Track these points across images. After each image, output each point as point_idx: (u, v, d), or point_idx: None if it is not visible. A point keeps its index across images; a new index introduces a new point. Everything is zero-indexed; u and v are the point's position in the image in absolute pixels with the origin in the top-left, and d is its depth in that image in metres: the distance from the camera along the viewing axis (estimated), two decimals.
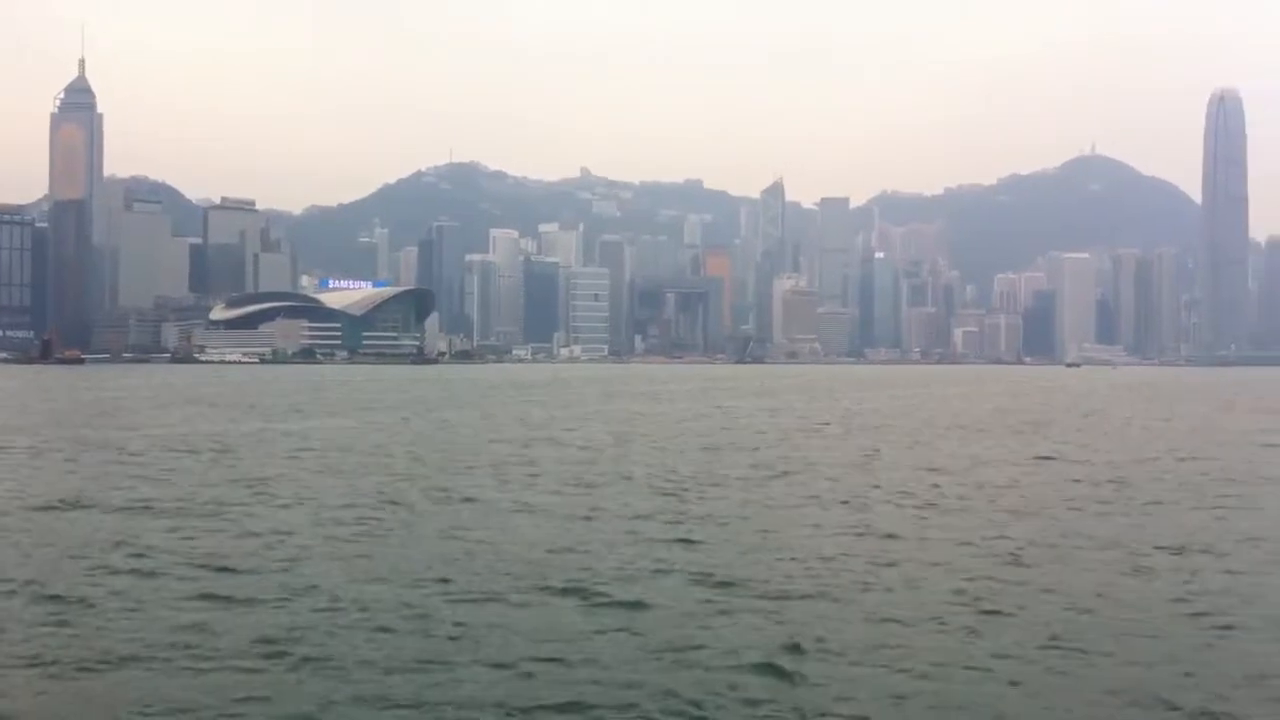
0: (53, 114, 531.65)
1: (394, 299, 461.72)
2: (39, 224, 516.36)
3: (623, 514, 27.36)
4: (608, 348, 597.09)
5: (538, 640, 15.74)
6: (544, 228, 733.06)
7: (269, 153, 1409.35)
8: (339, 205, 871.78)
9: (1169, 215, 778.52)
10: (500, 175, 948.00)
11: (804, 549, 22.66)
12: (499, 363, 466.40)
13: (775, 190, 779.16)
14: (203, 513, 27.53)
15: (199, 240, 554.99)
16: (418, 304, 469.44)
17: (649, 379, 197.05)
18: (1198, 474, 38.40)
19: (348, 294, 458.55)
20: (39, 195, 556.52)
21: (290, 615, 17.12)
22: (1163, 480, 36.22)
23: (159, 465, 39.63)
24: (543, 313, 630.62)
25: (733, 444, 50.60)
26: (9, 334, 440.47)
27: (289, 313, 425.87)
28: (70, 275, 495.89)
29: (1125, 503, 30.30)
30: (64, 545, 23.06)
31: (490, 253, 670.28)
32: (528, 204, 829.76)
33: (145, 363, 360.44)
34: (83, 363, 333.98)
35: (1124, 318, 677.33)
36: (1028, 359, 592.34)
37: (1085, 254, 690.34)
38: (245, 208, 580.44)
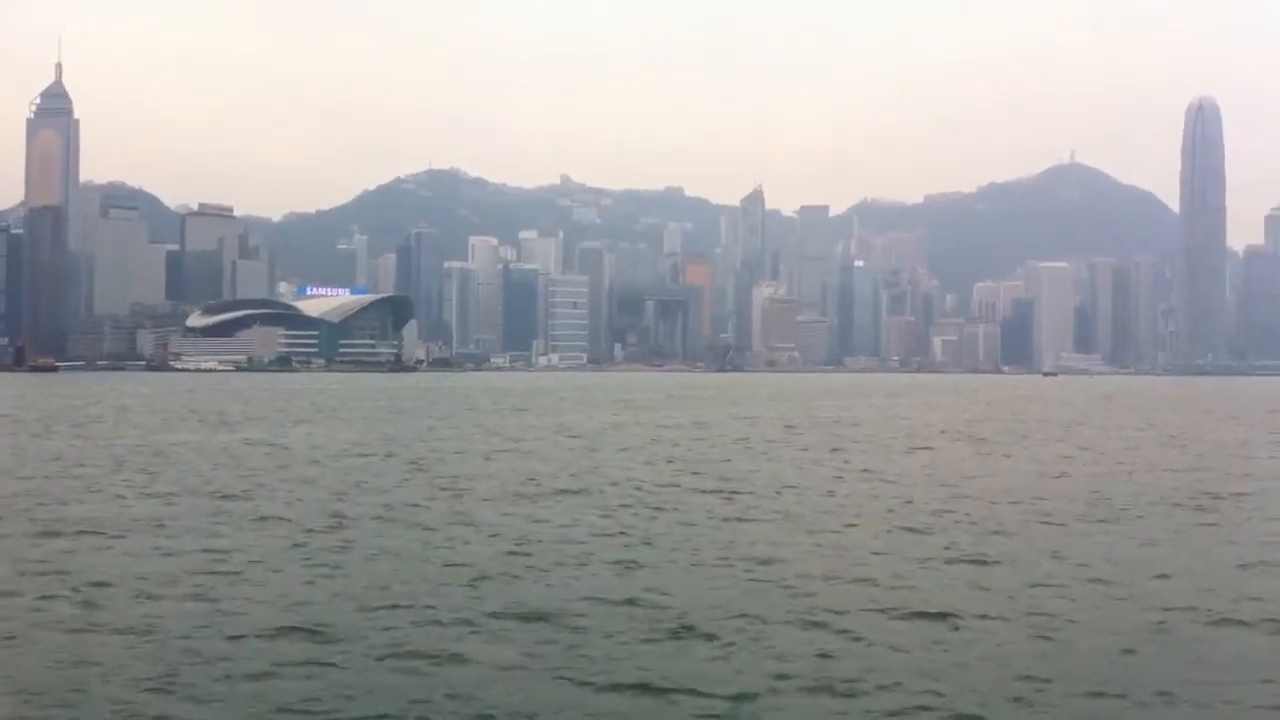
0: (29, 119, 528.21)
1: (372, 306, 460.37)
2: (14, 230, 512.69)
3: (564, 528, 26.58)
4: (587, 355, 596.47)
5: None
6: (523, 235, 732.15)
7: (248, 160, 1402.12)
8: (318, 212, 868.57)
9: (1147, 224, 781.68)
10: (480, 182, 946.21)
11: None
12: (477, 370, 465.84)
13: (755, 198, 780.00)
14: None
15: (176, 247, 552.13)
16: (396, 311, 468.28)
17: (624, 387, 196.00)
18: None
19: (325, 301, 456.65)
20: (15, 201, 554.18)
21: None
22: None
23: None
24: (522, 320, 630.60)
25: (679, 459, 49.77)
26: None
27: (266, 320, 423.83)
28: (46, 282, 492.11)
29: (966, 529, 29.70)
30: None
31: (469, 260, 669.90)
32: (507, 211, 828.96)
33: (120, 370, 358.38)
34: (56, 370, 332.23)
35: (1101, 327, 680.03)
36: (1006, 368, 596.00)
37: (1063, 263, 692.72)
38: (223, 214, 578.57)
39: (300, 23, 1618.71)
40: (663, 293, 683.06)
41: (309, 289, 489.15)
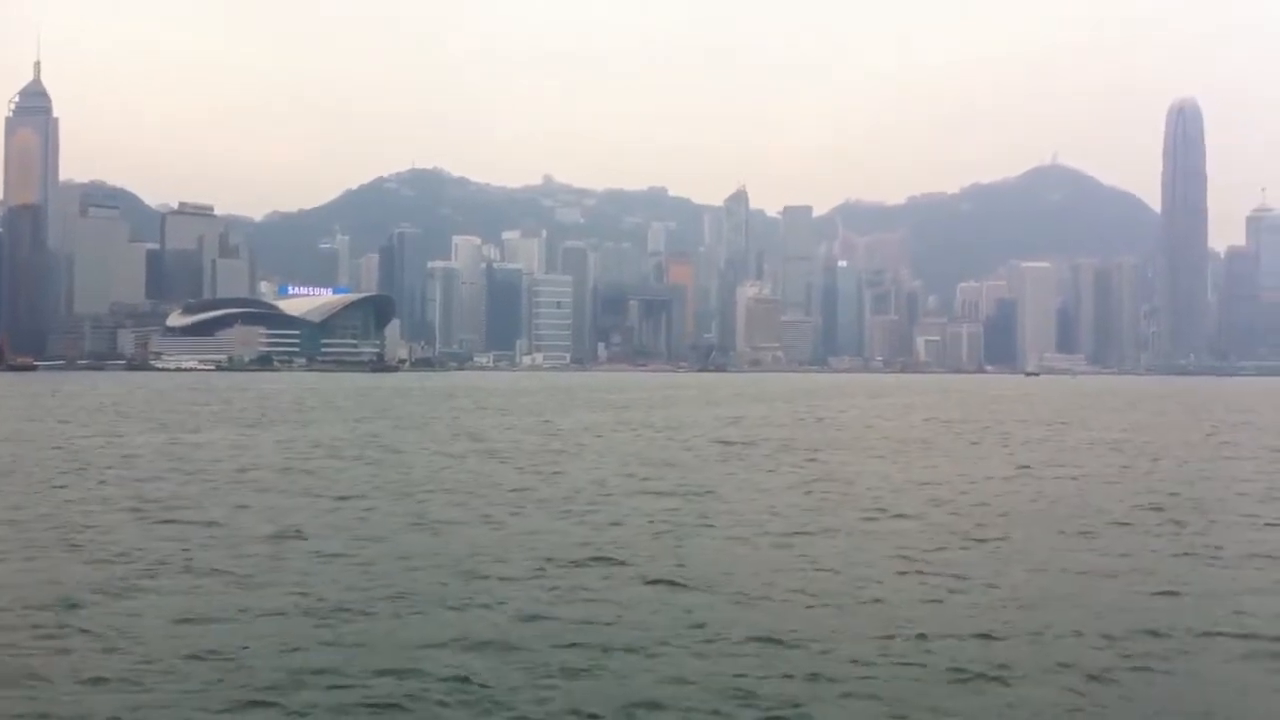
0: (7, 118, 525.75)
1: (354, 305, 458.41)
2: None
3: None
4: (570, 355, 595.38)
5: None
6: (507, 234, 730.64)
7: (229, 158, 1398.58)
8: (300, 211, 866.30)
9: (1129, 225, 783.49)
10: (463, 181, 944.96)
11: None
12: (460, 370, 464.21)
13: (739, 198, 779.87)
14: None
15: (156, 246, 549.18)
16: (378, 311, 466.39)
17: (606, 388, 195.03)
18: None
19: (307, 301, 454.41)
20: None
21: None
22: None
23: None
24: (505, 320, 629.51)
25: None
26: None
27: (247, 319, 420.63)
28: (25, 281, 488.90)
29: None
30: None
31: (452, 259, 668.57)
32: (490, 210, 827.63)
33: (100, 370, 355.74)
34: (35, 369, 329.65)
35: (1084, 327, 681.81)
36: (989, 368, 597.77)
37: (1046, 263, 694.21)
38: (204, 213, 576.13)
39: (284, 23, 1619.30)
40: (646, 292, 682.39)
41: (290, 288, 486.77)
